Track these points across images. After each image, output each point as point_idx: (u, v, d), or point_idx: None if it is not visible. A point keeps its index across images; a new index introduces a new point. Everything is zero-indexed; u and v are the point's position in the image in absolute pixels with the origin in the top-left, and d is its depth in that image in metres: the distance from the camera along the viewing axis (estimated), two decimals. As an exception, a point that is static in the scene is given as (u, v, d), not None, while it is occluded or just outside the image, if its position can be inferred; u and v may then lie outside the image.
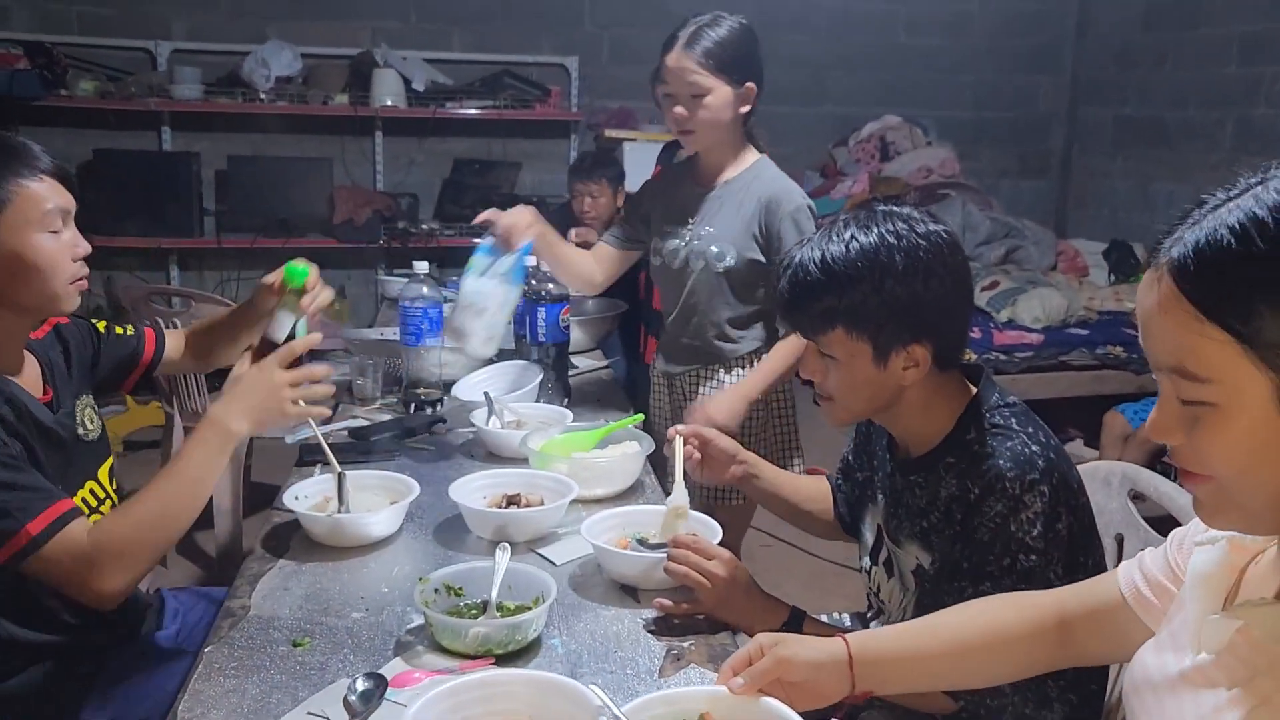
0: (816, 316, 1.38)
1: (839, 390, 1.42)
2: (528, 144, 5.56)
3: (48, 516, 1.37)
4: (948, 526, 1.37)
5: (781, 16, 5.68)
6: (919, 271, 1.33)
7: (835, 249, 1.36)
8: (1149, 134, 5.50)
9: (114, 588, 1.40)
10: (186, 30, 5.17)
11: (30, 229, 1.44)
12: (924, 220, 1.38)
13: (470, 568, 1.44)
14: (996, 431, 1.37)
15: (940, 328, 1.37)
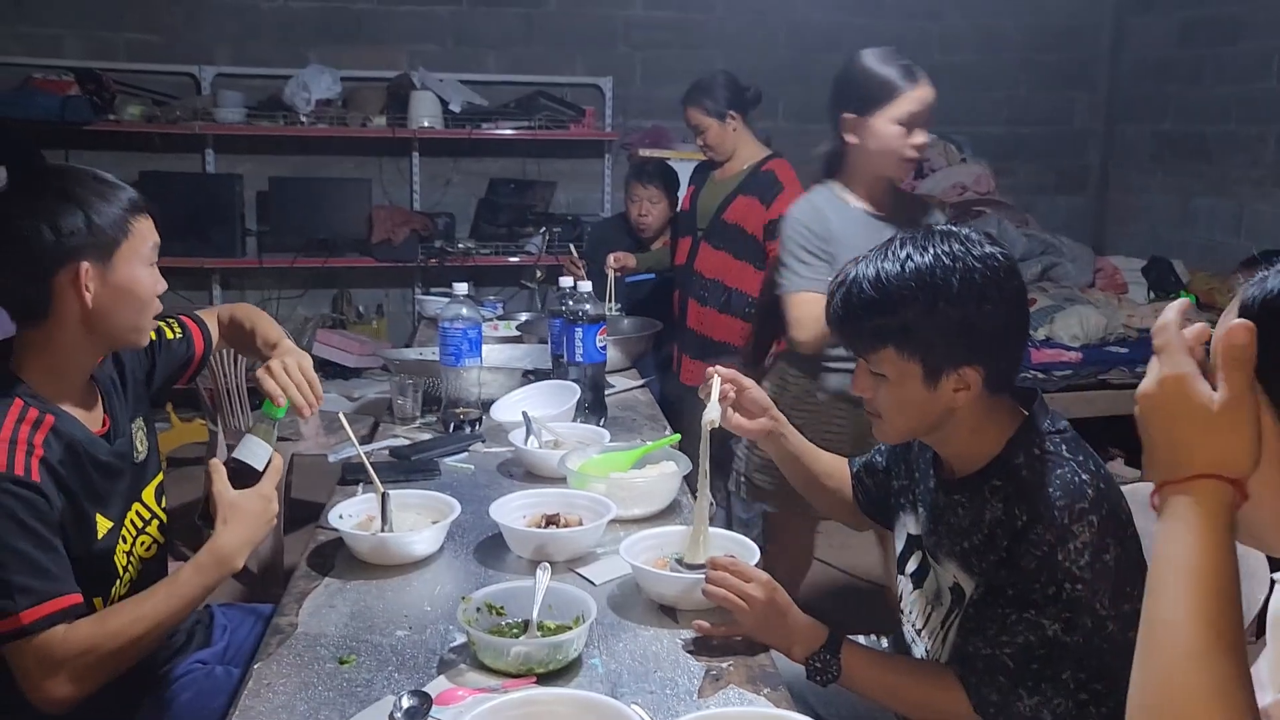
0: (868, 334, 1.39)
1: (888, 409, 1.43)
2: (562, 163, 5.61)
3: (38, 612, 1.36)
4: (991, 551, 1.37)
5: (812, 38, 5.70)
6: (973, 294, 1.33)
7: (890, 267, 1.36)
8: (1188, 149, 5.45)
9: (61, 695, 1.37)
10: (230, 55, 5.27)
11: (139, 262, 1.51)
12: (981, 242, 1.38)
13: (511, 587, 1.46)
14: (1046, 458, 1.36)
15: (993, 351, 1.37)
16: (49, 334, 1.48)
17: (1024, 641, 1.31)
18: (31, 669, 1.36)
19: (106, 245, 1.47)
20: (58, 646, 1.36)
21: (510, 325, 3.36)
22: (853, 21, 5.78)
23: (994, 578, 1.36)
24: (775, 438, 1.74)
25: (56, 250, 1.43)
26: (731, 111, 3.35)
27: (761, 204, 3.30)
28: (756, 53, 5.62)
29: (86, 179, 1.50)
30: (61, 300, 1.46)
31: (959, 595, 1.44)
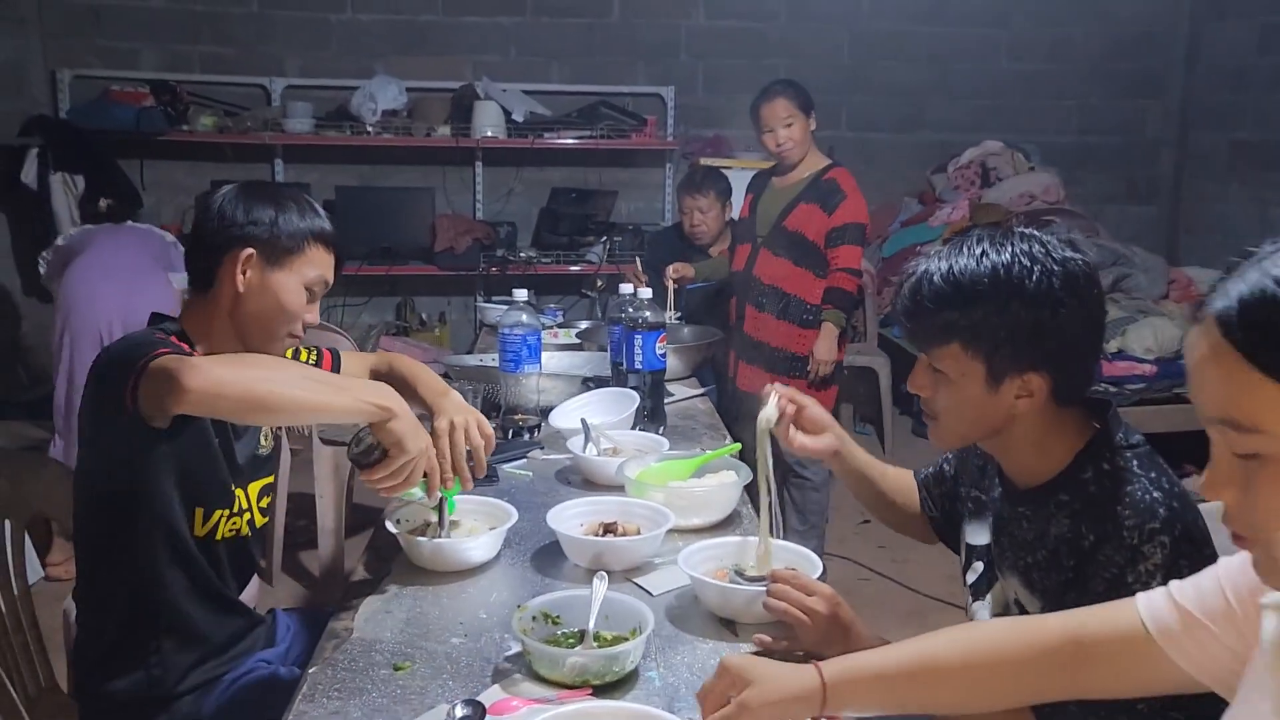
0: (934, 329, 1.34)
1: (945, 409, 1.38)
2: (623, 173, 5.62)
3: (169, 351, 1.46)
4: (1056, 571, 1.32)
5: (879, 47, 5.65)
6: (1048, 297, 1.28)
7: (964, 262, 1.31)
8: (1267, 159, 5.28)
9: (194, 384, 1.37)
10: (299, 68, 5.37)
11: (298, 279, 1.64)
12: (1063, 246, 1.32)
13: (568, 596, 1.45)
14: (1117, 474, 1.30)
15: (1062, 360, 1.31)
16: (208, 306, 1.64)
17: None
18: (172, 365, 1.39)
19: (279, 249, 1.62)
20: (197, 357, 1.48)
21: (570, 333, 3.35)
22: (918, 30, 5.72)
23: (1060, 600, 1.30)
24: (839, 456, 1.69)
25: (238, 230, 1.61)
26: (813, 111, 3.34)
27: (824, 211, 3.27)
28: (819, 61, 5.58)
29: (298, 196, 1.69)
30: (224, 277, 1.62)
31: (1021, 613, 1.39)
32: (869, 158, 5.45)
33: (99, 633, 1.61)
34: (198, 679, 1.63)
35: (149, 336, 1.54)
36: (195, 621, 1.63)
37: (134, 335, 1.57)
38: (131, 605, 1.59)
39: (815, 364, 3.28)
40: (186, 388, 1.37)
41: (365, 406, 1.49)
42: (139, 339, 1.53)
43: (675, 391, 2.76)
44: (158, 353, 1.43)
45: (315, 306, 1.70)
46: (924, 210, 5.43)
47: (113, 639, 1.60)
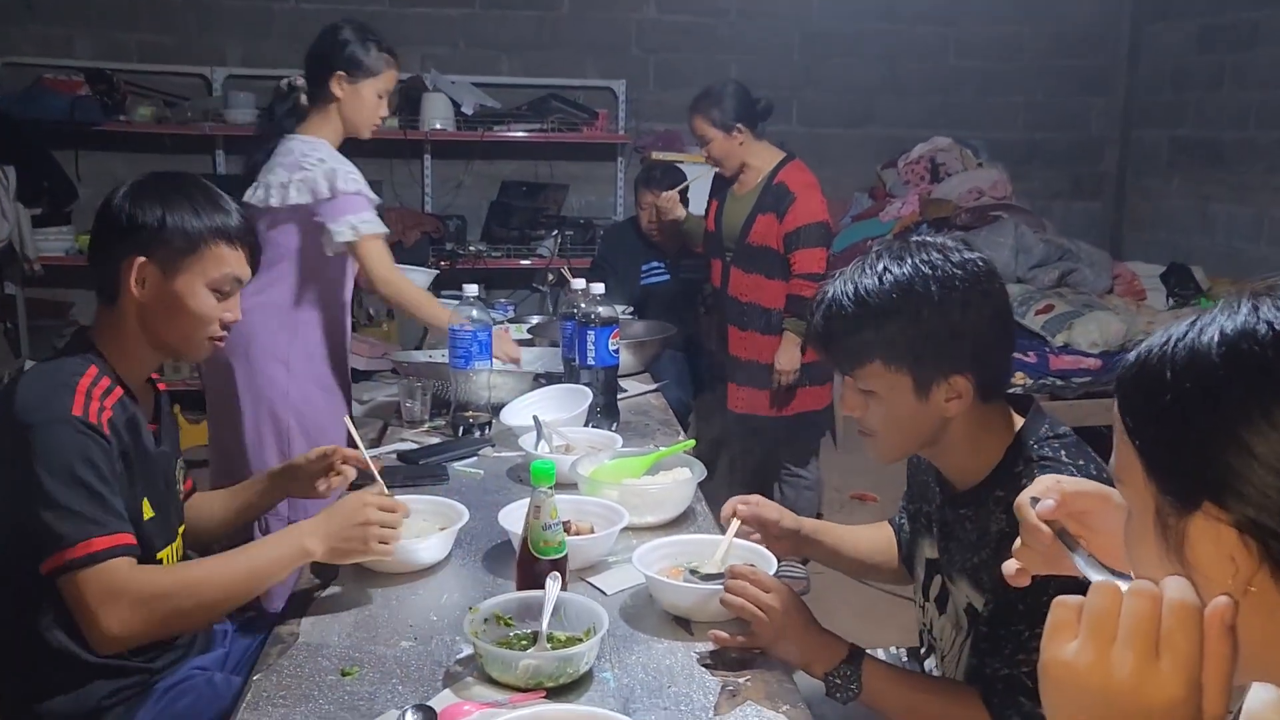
0: (853, 350, 1.35)
1: (881, 426, 1.38)
2: (575, 166, 5.57)
3: (109, 541, 1.39)
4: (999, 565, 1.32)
5: (829, 43, 5.66)
6: (955, 301, 1.30)
7: (868, 282, 1.33)
8: (1207, 155, 5.38)
9: (117, 632, 1.38)
10: (241, 57, 5.25)
11: (201, 282, 1.55)
12: (959, 249, 1.35)
13: (520, 597, 1.41)
14: (1045, 463, 1.32)
15: (981, 358, 1.34)
16: (116, 317, 1.56)
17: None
18: (90, 599, 1.37)
19: (173, 252, 1.53)
20: (121, 578, 1.39)
21: (521, 328, 3.31)
22: (868, 28, 5.73)
23: (1004, 594, 1.30)
24: (812, 547, 1.70)
25: (126, 237, 1.52)
26: (739, 125, 3.25)
27: (777, 218, 3.24)
28: (770, 57, 5.58)
29: (193, 190, 1.57)
30: (123, 287, 1.53)
31: (973, 615, 1.39)
32: (820, 153, 5.43)
33: (12, 662, 1.53)
34: (127, 691, 1.55)
35: (62, 431, 1.41)
36: None
37: (44, 410, 1.42)
38: (32, 642, 1.48)
39: (777, 374, 3.25)
40: (107, 635, 1.38)
41: (291, 562, 1.49)
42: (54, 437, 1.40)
43: (628, 387, 2.73)
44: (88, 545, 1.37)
45: (234, 302, 1.62)
46: (874, 205, 5.45)
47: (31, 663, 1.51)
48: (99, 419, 1.46)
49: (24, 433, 1.41)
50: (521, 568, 1.47)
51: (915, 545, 1.59)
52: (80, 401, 1.45)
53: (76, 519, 1.38)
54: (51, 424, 1.42)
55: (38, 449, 1.40)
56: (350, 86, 2.51)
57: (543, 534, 1.45)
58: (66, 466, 1.40)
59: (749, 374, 3.33)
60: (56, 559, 1.38)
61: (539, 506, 1.45)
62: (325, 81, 2.51)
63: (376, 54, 2.54)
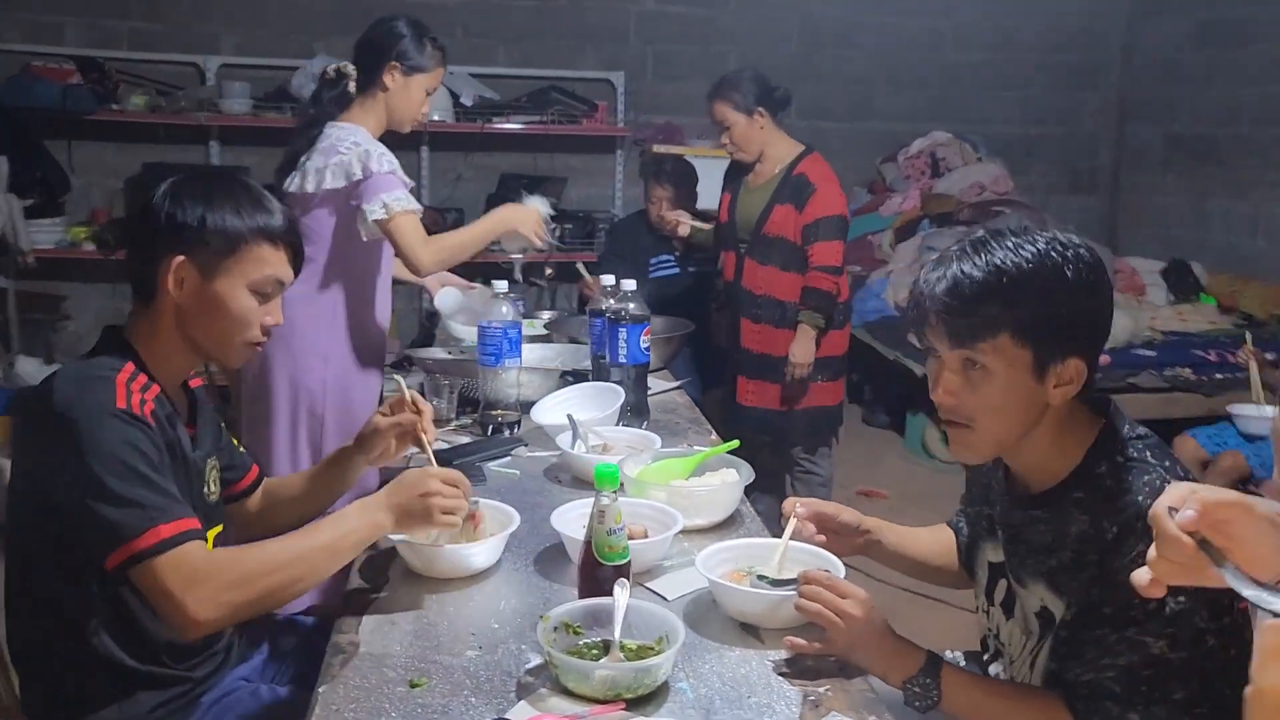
0: (981, 323, 1.30)
1: (984, 412, 1.33)
2: (574, 159, 5.53)
3: (176, 527, 1.35)
4: (1081, 569, 1.30)
5: (827, 35, 5.64)
6: (1085, 282, 1.30)
7: (1001, 255, 1.29)
8: (1201, 151, 5.41)
9: (206, 616, 1.34)
10: (235, 46, 5.17)
11: (242, 283, 1.50)
12: (1071, 236, 1.34)
13: (587, 605, 1.38)
14: (1131, 465, 1.30)
15: (1095, 343, 1.33)
16: (152, 317, 1.51)
17: (1127, 663, 1.24)
18: (173, 585, 1.32)
19: (212, 252, 1.48)
20: (199, 561, 1.35)
21: (535, 324, 3.27)
22: (865, 20, 5.73)
23: (1087, 597, 1.28)
24: (874, 547, 1.66)
25: (164, 236, 1.48)
26: (760, 109, 3.24)
27: (796, 209, 3.21)
28: (769, 48, 5.56)
29: (236, 188, 1.52)
30: (161, 286, 1.49)
31: (1047, 619, 1.36)
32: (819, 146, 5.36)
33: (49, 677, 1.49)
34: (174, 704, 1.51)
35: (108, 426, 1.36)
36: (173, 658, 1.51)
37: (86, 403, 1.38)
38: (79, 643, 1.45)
39: (791, 367, 3.22)
40: (196, 620, 1.33)
41: (366, 536, 1.48)
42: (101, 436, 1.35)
43: (651, 384, 2.69)
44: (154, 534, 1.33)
45: (275, 305, 1.56)
46: (874, 199, 5.45)
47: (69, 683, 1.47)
48: (141, 410, 1.42)
49: (69, 427, 1.36)
50: (585, 573, 1.43)
51: (976, 548, 1.56)
52: (122, 394, 1.41)
53: (137, 508, 1.34)
54: (97, 415, 1.37)
55: (86, 442, 1.35)
56: (403, 79, 2.49)
57: (607, 539, 1.42)
58: (118, 457, 1.35)
59: (760, 367, 3.30)
60: (123, 551, 1.33)
61: (603, 511, 1.42)
62: (377, 71, 2.47)
63: (431, 50, 2.53)
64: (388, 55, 2.47)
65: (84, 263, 4.86)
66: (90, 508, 1.34)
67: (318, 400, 2.46)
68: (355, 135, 2.45)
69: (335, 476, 1.78)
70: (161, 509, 1.36)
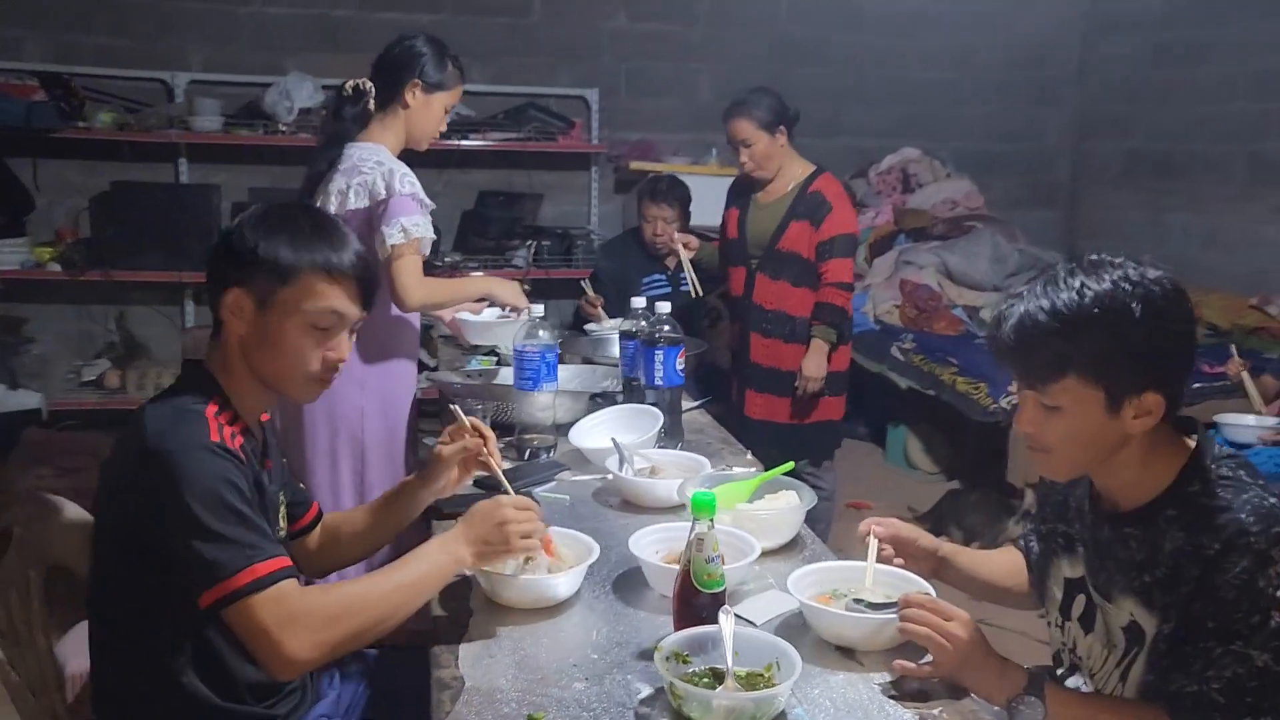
0: (1046, 364, 1.35)
1: (1061, 441, 1.38)
2: (549, 176, 5.52)
3: (271, 566, 1.34)
4: (1179, 584, 1.34)
5: (796, 53, 5.71)
6: (1154, 317, 1.31)
7: (1067, 296, 1.33)
8: (1159, 167, 5.59)
9: (304, 656, 1.34)
10: (203, 62, 5.07)
11: (295, 316, 1.47)
12: (1145, 267, 1.36)
13: (691, 634, 1.38)
14: (1226, 483, 1.34)
15: (1173, 375, 1.35)
16: (223, 350, 1.51)
17: (1232, 675, 1.28)
18: (270, 624, 1.31)
19: (265, 284, 1.46)
20: (295, 600, 1.34)
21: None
22: (833, 37, 5.81)
23: (1188, 611, 1.32)
24: (946, 568, 1.69)
25: (224, 266, 1.48)
26: (781, 126, 3.29)
27: (812, 226, 3.26)
28: (740, 66, 5.61)
29: (299, 220, 1.50)
30: (224, 319, 1.50)
31: (1135, 633, 1.40)
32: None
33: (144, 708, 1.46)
34: None
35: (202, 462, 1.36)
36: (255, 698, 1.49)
37: (180, 437, 1.37)
38: (167, 683, 1.42)
39: (803, 381, 3.26)
40: (294, 660, 1.33)
41: (448, 572, 1.49)
42: (196, 474, 1.34)
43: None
44: (251, 573, 1.32)
45: (340, 340, 1.52)
46: (846, 215, 5.52)
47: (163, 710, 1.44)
48: (232, 443, 1.41)
49: (163, 461, 1.34)
50: (682, 601, 1.44)
51: (1049, 565, 1.60)
52: (214, 428, 1.40)
53: (233, 546, 1.32)
54: (191, 450, 1.36)
55: (182, 477, 1.33)
56: (424, 97, 2.48)
57: (705, 567, 1.42)
58: (214, 493, 1.34)
59: (769, 381, 3.34)
60: (219, 589, 1.31)
61: (701, 539, 1.42)
62: (399, 89, 2.46)
63: (451, 69, 2.52)
64: (410, 73, 2.46)
65: (48, 284, 4.72)
66: (186, 545, 1.32)
67: (356, 428, 2.43)
68: (378, 154, 2.44)
69: (398, 511, 1.77)
70: (257, 547, 1.34)
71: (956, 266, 4.79)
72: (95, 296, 4.89)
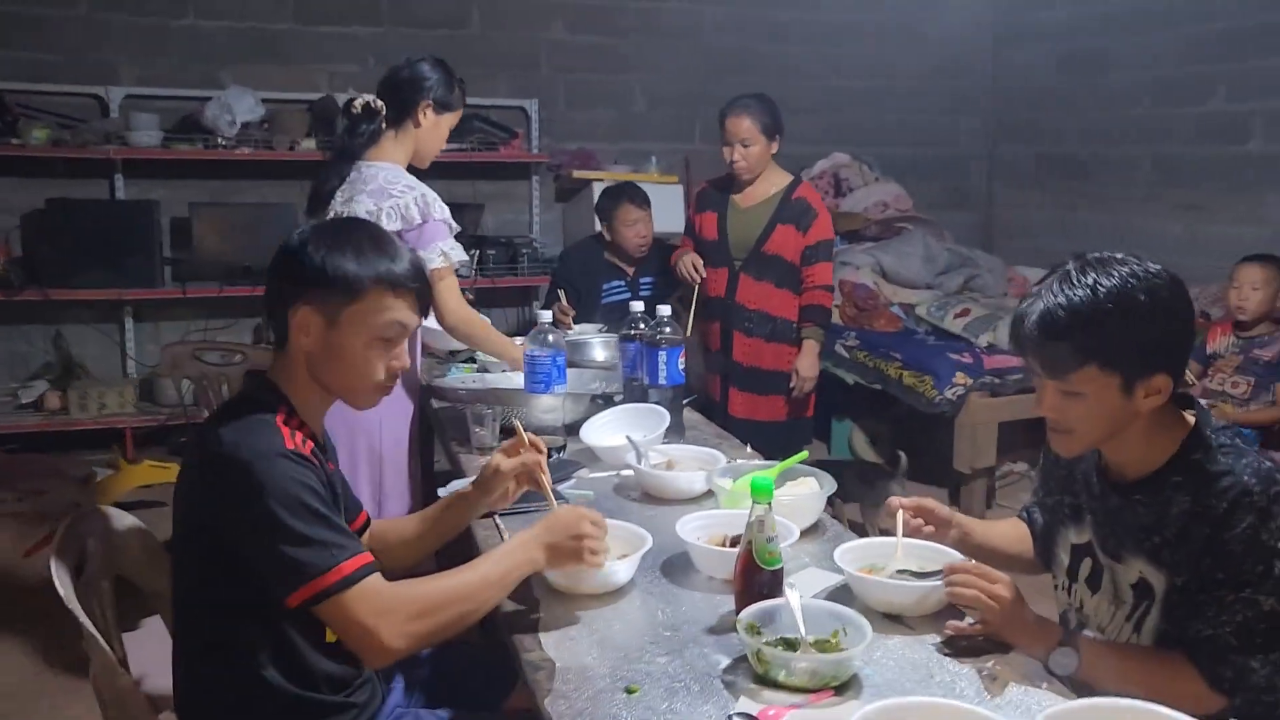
0: (1069, 356, 1.49)
1: (1081, 423, 1.53)
2: (489, 185, 5.58)
3: (356, 563, 1.40)
4: (1187, 543, 1.50)
5: (725, 64, 5.89)
6: (1162, 306, 1.47)
7: (1081, 293, 1.48)
8: (1068, 169, 5.93)
9: (398, 645, 1.40)
10: (136, 77, 5.00)
11: (362, 330, 1.52)
12: (1144, 261, 1.52)
13: (760, 608, 1.50)
14: (1225, 450, 1.51)
15: (1178, 357, 1.52)
16: (288, 362, 1.56)
17: (1243, 619, 1.45)
18: (364, 616, 1.38)
19: (335, 300, 1.50)
20: (384, 594, 1.40)
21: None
22: (759, 48, 6.01)
23: (1199, 565, 1.49)
24: (964, 540, 1.82)
25: (292, 284, 1.53)
26: (778, 134, 3.43)
27: (799, 231, 3.40)
28: (673, 76, 5.78)
29: (360, 235, 1.55)
30: (292, 334, 1.54)
31: (1144, 589, 1.56)
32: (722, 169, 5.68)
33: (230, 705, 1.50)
34: None
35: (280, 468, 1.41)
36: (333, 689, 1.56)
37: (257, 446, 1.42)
38: (251, 682, 1.48)
39: (800, 381, 3.42)
40: (390, 648, 1.40)
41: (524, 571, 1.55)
42: (277, 477, 1.39)
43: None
44: (338, 571, 1.38)
45: (402, 349, 1.60)
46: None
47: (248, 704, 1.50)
48: (305, 449, 1.47)
49: (242, 469, 1.39)
50: (746, 578, 1.55)
51: (1055, 534, 1.76)
52: (287, 434, 1.46)
53: (319, 546, 1.38)
54: (268, 457, 1.41)
55: (263, 483, 1.39)
56: (434, 116, 2.54)
57: (766, 546, 1.54)
58: (295, 497, 1.39)
59: (751, 380, 3.48)
60: (310, 589, 1.37)
61: (761, 521, 1.54)
62: (411, 108, 2.51)
63: (458, 91, 2.59)
64: (422, 93, 2.52)
65: (-20, 304, 4.59)
66: (273, 548, 1.38)
67: (375, 438, 2.47)
68: (402, 176, 2.50)
69: (451, 521, 1.82)
70: (342, 545, 1.40)
71: (891, 266, 5.01)
72: (30, 316, 4.77)
